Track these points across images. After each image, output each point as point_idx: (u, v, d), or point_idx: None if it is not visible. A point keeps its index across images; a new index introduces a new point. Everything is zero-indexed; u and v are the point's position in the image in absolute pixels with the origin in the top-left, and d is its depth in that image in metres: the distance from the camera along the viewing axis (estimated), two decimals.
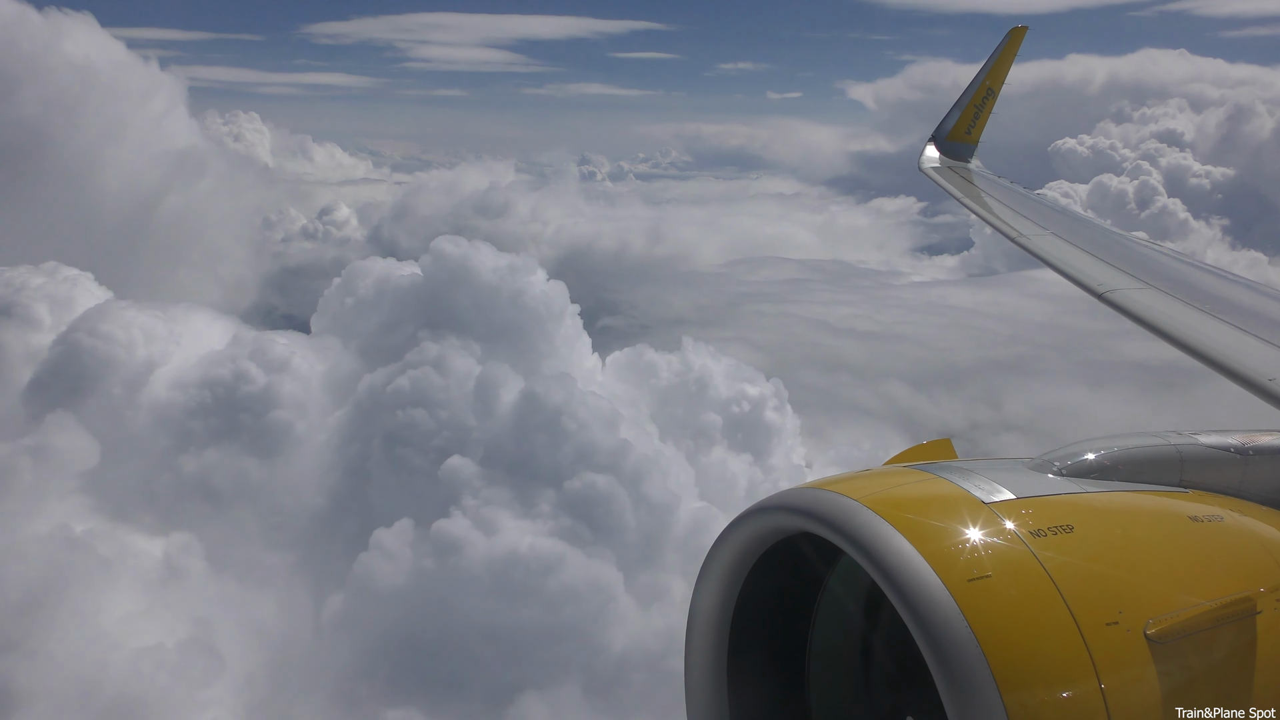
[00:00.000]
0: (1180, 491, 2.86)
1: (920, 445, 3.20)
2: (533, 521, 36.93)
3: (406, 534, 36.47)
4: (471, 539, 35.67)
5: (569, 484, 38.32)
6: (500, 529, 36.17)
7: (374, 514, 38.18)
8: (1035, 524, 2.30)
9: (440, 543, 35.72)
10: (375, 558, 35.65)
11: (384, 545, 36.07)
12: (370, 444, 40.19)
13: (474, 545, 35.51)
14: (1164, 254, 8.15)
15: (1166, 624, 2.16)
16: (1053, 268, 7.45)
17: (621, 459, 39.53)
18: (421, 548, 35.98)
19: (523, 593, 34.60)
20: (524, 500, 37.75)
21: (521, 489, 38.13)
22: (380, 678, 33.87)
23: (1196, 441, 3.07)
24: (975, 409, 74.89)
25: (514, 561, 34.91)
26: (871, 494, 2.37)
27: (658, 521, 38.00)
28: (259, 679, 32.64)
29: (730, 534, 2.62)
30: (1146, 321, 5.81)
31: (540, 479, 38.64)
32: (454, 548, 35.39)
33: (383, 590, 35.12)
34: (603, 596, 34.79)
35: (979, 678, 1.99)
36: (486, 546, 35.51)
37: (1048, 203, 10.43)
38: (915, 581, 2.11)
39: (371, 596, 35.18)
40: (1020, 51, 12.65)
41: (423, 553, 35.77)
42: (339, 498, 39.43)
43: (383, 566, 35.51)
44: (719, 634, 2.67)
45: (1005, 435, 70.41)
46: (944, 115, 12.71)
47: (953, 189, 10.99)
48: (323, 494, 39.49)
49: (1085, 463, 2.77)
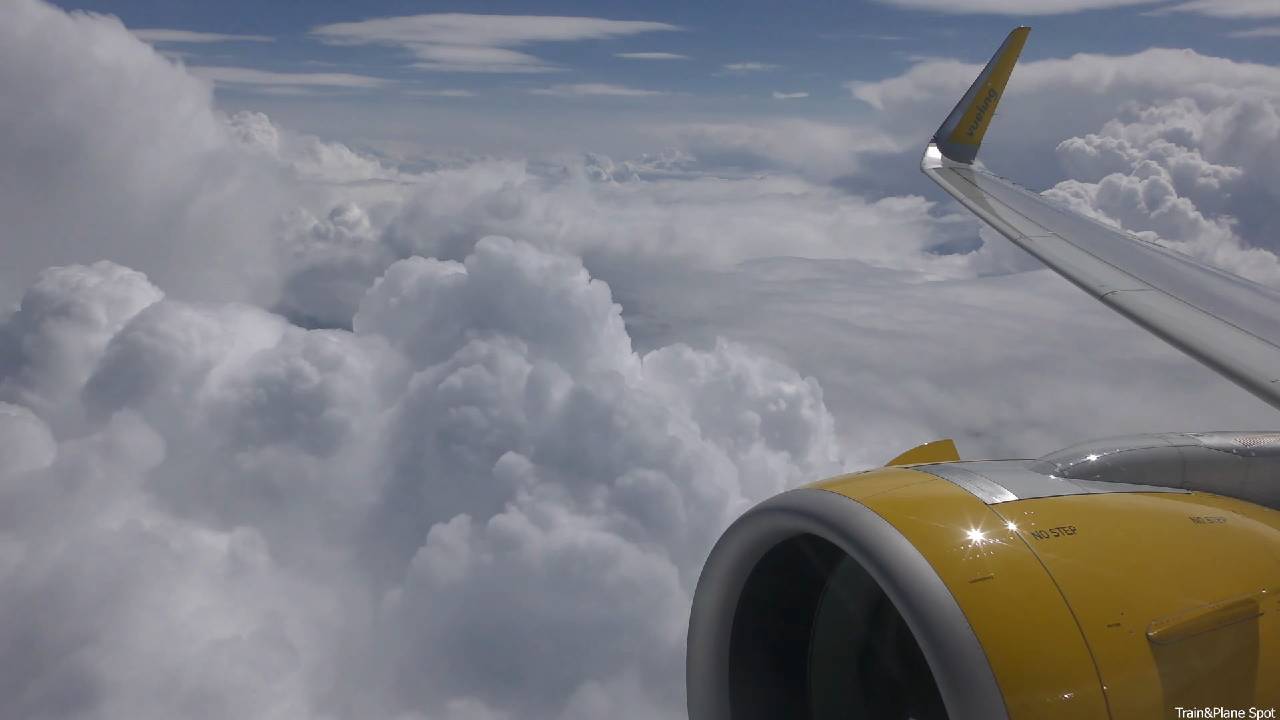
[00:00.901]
0: (1182, 493, 2.86)
1: (922, 446, 3.18)
2: (587, 517, 37.59)
3: (464, 529, 37.11)
4: (529, 534, 36.32)
5: (620, 480, 39.00)
6: (556, 524, 36.82)
7: (429, 510, 38.81)
8: (1037, 525, 2.31)
9: (498, 538, 36.38)
10: (434, 553, 36.30)
11: (442, 540, 36.71)
12: (423, 441, 40.83)
13: (531, 540, 36.16)
14: (1166, 255, 8.16)
15: (1169, 625, 2.16)
16: (1055, 269, 7.45)
17: (671, 456, 40.21)
18: (479, 543, 36.62)
19: (580, 587, 35.23)
20: (578, 496, 38.42)
21: (575, 485, 38.80)
22: (441, 670, 34.50)
23: (1199, 443, 3.07)
24: (999, 407, 75.54)
25: (571, 556, 35.56)
26: (873, 495, 2.37)
27: (708, 517, 38.60)
28: (325, 671, 33.31)
29: (732, 535, 2.62)
30: (1148, 323, 5.79)
31: (592, 475, 39.31)
32: (512, 543, 36.04)
33: (442, 584, 35.76)
34: (659, 590, 35.41)
35: (981, 679, 1.99)
36: (544, 541, 36.16)
37: (1050, 203, 10.48)
38: (917, 583, 2.11)
39: (431, 591, 35.81)
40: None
41: (481, 547, 36.41)
42: (393, 494, 40.05)
43: (442, 561, 36.16)
44: (720, 635, 2.68)
45: (1029, 433, 71.04)
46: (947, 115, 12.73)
47: (955, 190, 10.97)
48: (377, 491, 40.12)
49: (1087, 464, 2.78)
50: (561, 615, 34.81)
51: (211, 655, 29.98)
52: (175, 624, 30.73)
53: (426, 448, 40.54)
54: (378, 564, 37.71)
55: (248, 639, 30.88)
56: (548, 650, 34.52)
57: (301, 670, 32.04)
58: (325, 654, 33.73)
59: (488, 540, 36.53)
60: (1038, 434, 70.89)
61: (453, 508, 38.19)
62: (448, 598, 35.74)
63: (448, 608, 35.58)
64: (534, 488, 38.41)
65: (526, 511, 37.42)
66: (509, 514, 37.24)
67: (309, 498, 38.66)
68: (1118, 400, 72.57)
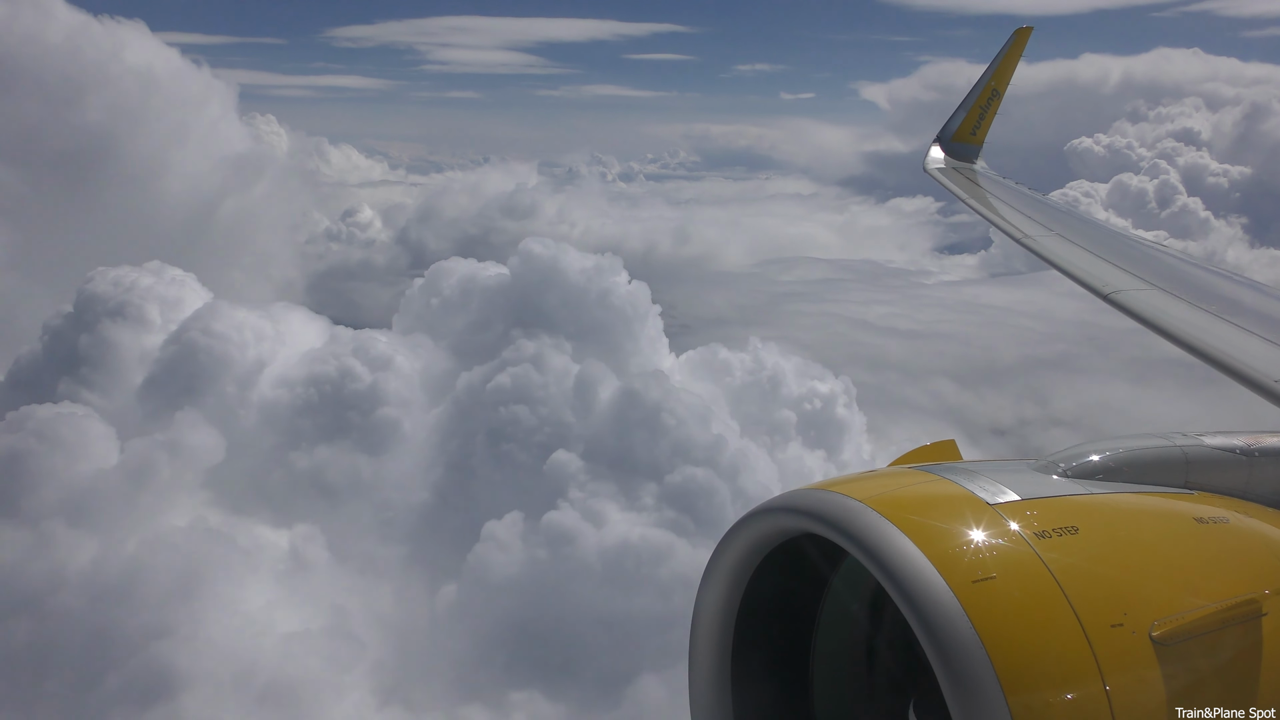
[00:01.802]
0: (1185, 493, 2.86)
1: (924, 446, 3.17)
2: (638, 514, 38.24)
3: (517, 526, 37.76)
4: (582, 530, 36.97)
5: (669, 478, 39.65)
6: (608, 521, 37.46)
7: (480, 507, 39.45)
8: (1040, 525, 2.31)
9: (552, 534, 37.03)
10: (489, 548, 36.93)
11: (497, 536, 37.36)
12: (472, 440, 41.47)
13: (585, 536, 36.80)
14: (1169, 255, 8.15)
15: (1172, 626, 2.16)
16: (1058, 268, 7.45)
17: (718, 453, 40.85)
18: (533, 539, 37.26)
19: (634, 582, 35.85)
20: (627, 493, 39.06)
21: (624, 482, 39.44)
22: (498, 663, 35.13)
23: (1202, 443, 3.08)
24: (1022, 405, 76.17)
25: (625, 551, 36.18)
26: (876, 495, 2.38)
27: None
28: (387, 665, 33.95)
29: (735, 535, 2.62)
30: (1151, 322, 5.78)
31: (640, 473, 39.95)
32: (566, 539, 36.68)
33: (498, 580, 36.39)
34: None
35: (983, 679, 1.99)
36: (597, 537, 36.80)
37: (1053, 203, 10.44)
38: (919, 583, 2.11)
39: (486, 586, 36.44)
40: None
41: (535, 543, 37.05)
42: (444, 492, 40.69)
43: (497, 557, 36.80)
44: (723, 635, 2.67)
45: (1054, 430, 71.64)
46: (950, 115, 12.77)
47: (958, 190, 10.92)
48: (428, 488, 40.77)
49: (1090, 464, 2.77)
50: (616, 610, 35.41)
51: (283, 648, 30.66)
52: (246, 618, 31.39)
53: (476, 446, 41.19)
54: (432, 560, 38.35)
55: (317, 633, 31.57)
56: (603, 644, 35.13)
57: (366, 664, 32.71)
58: (386, 648, 34.37)
59: (541, 536, 37.18)
60: (1062, 432, 71.54)
61: (504, 505, 38.85)
62: (503, 593, 36.37)
63: (503, 603, 36.21)
64: (585, 485, 39.07)
65: (578, 508, 38.07)
66: (561, 510, 37.90)
67: (363, 495, 39.34)
68: (1140, 398, 73.17)
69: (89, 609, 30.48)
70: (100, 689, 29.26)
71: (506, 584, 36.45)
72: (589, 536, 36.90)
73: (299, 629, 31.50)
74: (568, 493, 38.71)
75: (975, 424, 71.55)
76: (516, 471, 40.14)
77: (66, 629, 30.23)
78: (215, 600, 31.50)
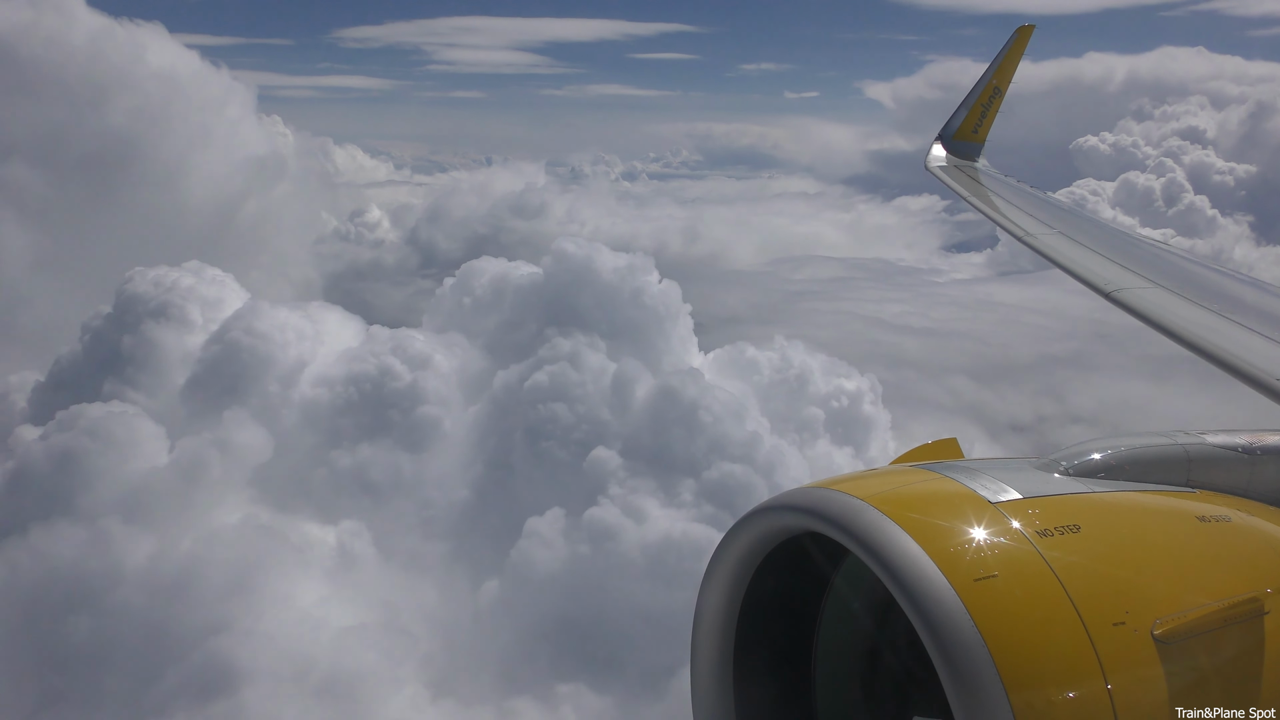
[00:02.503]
0: (1187, 491, 2.86)
1: (926, 445, 3.17)
2: (678, 509, 38.72)
3: (558, 522, 38.24)
4: (623, 526, 37.45)
5: (707, 474, 40.15)
6: (649, 516, 37.94)
7: (519, 504, 39.92)
8: (1042, 524, 2.31)
9: (594, 529, 37.51)
10: (533, 544, 37.41)
11: (539, 532, 37.85)
12: (510, 438, 41.94)
13: (626, 532, 37.29)
14: (1171, 253, 8.16)
15: (1174, 624, 2.17)
16: (1060, 266, 7.45)
17: (754, 450, 41.37)
18: (575, 535, 37.74)
19: (677, 576, 36.26)
20: (666, 489, 39.54)
21: (663, 479, 39.93)
22: (542, 658, 35.61)
23: (1204, 441, 3.08)
24: (1040, 403, 76.62)
25: (667, 546, 36.66)
26: (877, 493, 2.38)
27: None
28: (435, 659, 34.44)
29: (736, 533, 2.62)
30: (1154, 321, 5.78)
31: (678, 469, 40.44)
32: (608, 534, 37.17)
33: (541, 575, 36.87)
34: None
35: (985, 677, 2.00)
36: (639, 533, 37.29)
37: (1054, 201, 10.45)
38: (921, 581, 2.11)
39: (530, 581, 36.91)
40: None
41: (577, 539, 37.53)
42: (483, 489, 41.15)
43: (540, 552, 37.28)
44: (725, 633, 2.68)
45: (1073, 427, 72.05)
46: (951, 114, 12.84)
47: (960, 188, 10.95)
48: (467, 486, 41.24)
49: (1092, 462, 2.77)
50: (659, 604, 35.85)
51: (339, 643, 31.12)
52: (301, 613, 31.86)
53: (515, 444, 41.65)
54: (473, 556, 38.82)
55: (370, 627, 32.05)
56: (648, 638, 35.58)
57: (417, 658, 33.19)
58: (434, 642, 34.86)
59: (583, 532, 37.65)
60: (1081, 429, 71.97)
61: (544, 502, 39.32)
62: (547, 588, 36.85)
63: (547, 598, 36.68)
64: (624, 481, 39.55)
65: (619, 504, 38.55)
66: (602, 506, 38.38)
67: (405, 493, 39.79)
68: (1159, 395, 73.57)
69: (148, 605, 30.97)
70: (161, 684, 29.72)
71: (550, 579, 36.92)
72: (630, 532, 37.38)
73: (353, 624, 31.97)
74: (608, 489, 39.20)
75: (995, 421, 72.07)
76: (556, 469, 40.61)
77: (126, 625, 30.73)
78: (270, 596, 32.00)
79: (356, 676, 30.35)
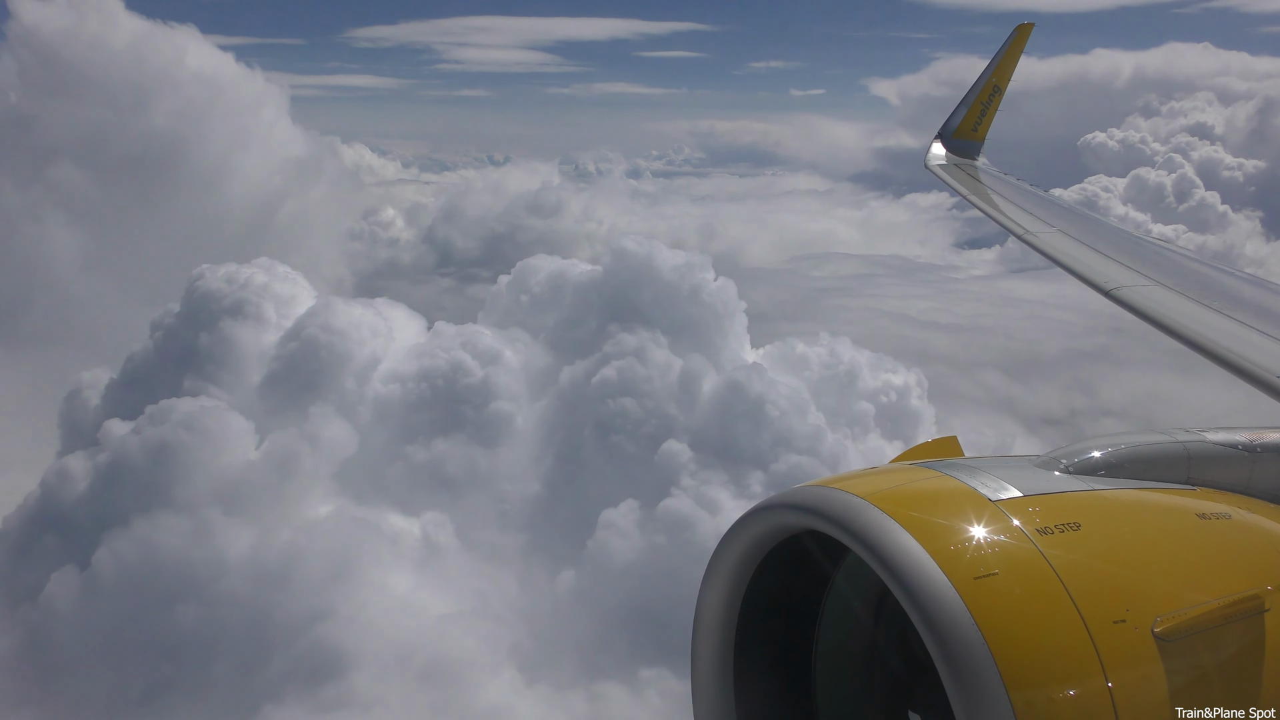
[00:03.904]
0: (1188, 489, 2.85)
1: (926, 443, 3.17)
2: (749, 501, 39.28)
3: (633, 514, 39.18)
4: (698, 516, 38.40)
5: (774, 466, 41.14)
6: (722, 508, 38.88)
7: (590, 497, 40.83)
8: (1042, 522, 2.31)
9: (669, 520, 38.46)
10: (610, 535, 38.36)
11: (615, 524, 38.79)
12: (580, 432, 42.87)
13: (701, 522, 38.23)
14: (1171, 250, 8.15)
15: (1174, 622, 2.17)
16: (1060, 265, 7.44)
17: (818, 443, 42.40)
18: (650, 526, 38.68)
19: None
20: (737, 481, 40.51)
21: (732, 471, 40.91)
22: (621, 646, 36.54)
23: (1204, 439, 3.07)
24: (1071, 396, 77.68)
25: None
26: (877, 491, 2.38)
27: None
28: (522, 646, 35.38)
29: (736, 532, 2.61)
30: (1153, 318, 5.76)
31: (746, 462, 41.42)
32: (684, 525, 38.11)
33: (619, 565, 37.81)
34: None
35: (986, 675, 2.00)
36: (713, 524, 38.19)
37: (1055, 199, 10.45)
38: (922, 579, 2.11)
39: (607, 571, 37.84)
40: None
41: (652, 530, 38.48)
42: (554, 483, 42.08)
43: (617, 543, 38.22)
44: (725, 632, 2.68)
45: (1105, 420, 73.09)
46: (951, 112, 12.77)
47: (959, 186, 10.97)
48: (539, 480, 42.15)
49: (1092, 460, 2.77)
50: None
51: (437, 630, 32.09)
52: (398, 601, 32.85)
53: (585, 438, 42.58)
54: (549, 548, 39.74)
55: (465, 615, 33.00)
56: None
57: (507, 645, 34.14)
58: (520, 631, 35.81)
59: (658, 523, 38.59)
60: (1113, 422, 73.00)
61: (616, 494, 40.23)
62: (624, 578, 37.77)
63: (624, 588, 37.61)
64: (695, 474, 40.51)
65: (691, 495, 39.52)
66: (676, 498, 39.33)
67: (480, 487, 40.69)
68: (1188, 389, 74.52)
69: (252, 594, 31.91)
70: (268, 670, 30.69)
71: (627, 569, 37.85)
72: (705, 523, 38.30)
73: (448, 612, 32.92)
74: (680, 481, 40.15)
75: (1027, 415, 73.06)
76: (626, 462, 41.53)
77: (233, 613, 31.67)
78: (367, 584, 32.95)
79: (456, 663, 31.34)
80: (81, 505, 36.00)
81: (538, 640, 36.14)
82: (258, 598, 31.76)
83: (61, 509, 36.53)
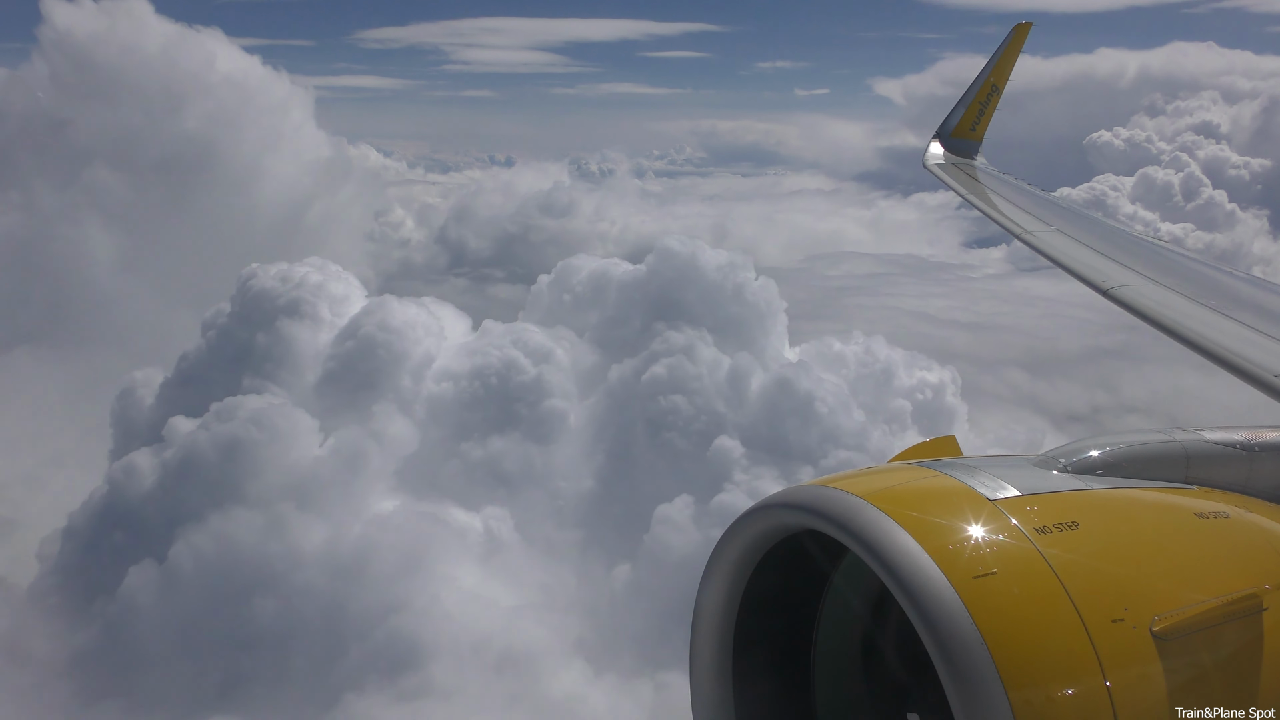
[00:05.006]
0: (1186, 488, 2.85)
1: (925, 442, 3.15)
2: None
3: (688, 508, 39.85)
4: None
5: (824, 462, 41.82)
6: None
7: (642, 492, 41.51)
8: (1040, 521, 2.31)
9: (725, 515, 39.05)
10: (666, 530, 39.02)
11: (670, 519, 39.46)
12: (631, 429, 43.56)
13: None
14: (1170, 250, 8.13)
15: (1172, 621, 2.17)
16: (1058, 264, 7.42)
17: (865, 439, 43.09)
18: (705, 520, 39.31)
19: None
20: (788, 476, 41.14)
21: (783, 466, 41.57)
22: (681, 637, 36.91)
23: (1202, 438, 3.07)
24: (1093, 393, 78.40)
25: None
26: (876, 491, 2.38)
27: None
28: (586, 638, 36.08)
29: (735, 531, 2.62)
30: (1151, 318, 5.75)
31: (795, 457, 42.11)
32: None
33: (676, 559, 38.45)
34: None
35: (984, 674, 2.00)
36: None
37: (1053, 199, 10.47)
38: (920, 578, 2.11)
39: (665, 565, 38.48)
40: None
41: (708, 524, 39.09)
42: (607, 478, 42.76)
43: (674, 538, 38.88)
44: (724, 631, 2.68)
45: (1129, 417, 73.81)
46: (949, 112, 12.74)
47: (958, 186, 10.95)
48: (592, 476, 42.83)
49: (1091, 459, 2.77)
50: None
51: (508, 621, 32.79)
52: (468, 593, 33.53)
53: (636, 435, 43.27)
54: (604, 542, 40.43)
55: (535, 607, 33.70)
56: None
57: (573, 636, 34.84)
58: (583, 623, 36.50)
59: (714, 517, 39.20)
60: (1137, 418, 73.70)
61: (669, 490, 40.90)
62: (680, 571, 38.36)
63: (681, 581, 38.21)
64: (747, 469, 41.20)
65: (745, 490, 40.16)
66: (730, 493, 40.01)
67: (536, 483, 41.37)
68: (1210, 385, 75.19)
69: (328, 586, 32.60)
70: (347, 661, 31.39)
71: (683, 562, 38.46)
72: None
73: (517, 604, 33.60)
74: (733, 476, 40.84)
75: (1053, 412, 73.76)
76: (678, 458, 42.20)
77: (309, 606, 32.34)
78: (438, 577, 33.66)
79: (528, 653, 32.04)
80: (151, 501, 36.67)
81: (600, 632, 36.85)
82: (333, 590, 32.45)
83: (130, 505, 37.19)
